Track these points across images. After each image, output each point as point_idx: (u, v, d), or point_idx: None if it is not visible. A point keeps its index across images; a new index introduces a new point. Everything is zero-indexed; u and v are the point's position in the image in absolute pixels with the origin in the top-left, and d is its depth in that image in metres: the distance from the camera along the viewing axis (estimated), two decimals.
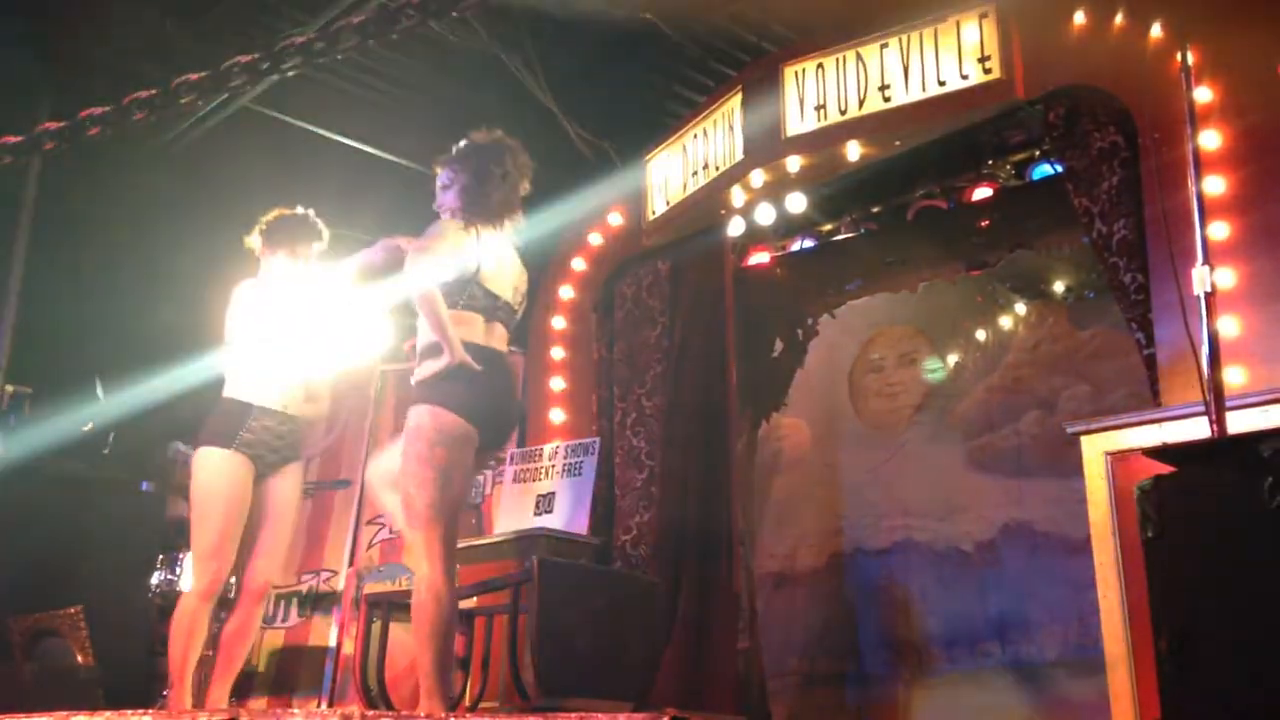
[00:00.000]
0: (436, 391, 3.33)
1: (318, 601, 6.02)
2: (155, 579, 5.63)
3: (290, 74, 1.86)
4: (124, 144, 5.94)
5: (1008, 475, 6.13)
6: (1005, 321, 6.53)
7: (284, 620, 5.99)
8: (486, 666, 4.74)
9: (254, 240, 4.22)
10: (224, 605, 4.23)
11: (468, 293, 3.44)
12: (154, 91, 1.83)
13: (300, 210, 4.28)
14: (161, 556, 5.70)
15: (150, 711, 2.87)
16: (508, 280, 3.61)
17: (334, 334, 4.15)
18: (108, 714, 2.88)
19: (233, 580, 4.12)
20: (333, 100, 6.14)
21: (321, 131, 6.32)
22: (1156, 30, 4.15)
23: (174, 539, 6.50)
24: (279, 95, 5.91)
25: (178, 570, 5.59)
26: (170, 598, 5.66)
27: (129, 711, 2.85)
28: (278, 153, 6.36)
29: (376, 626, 4.51)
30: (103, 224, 6.54)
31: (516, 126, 6.32)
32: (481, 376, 3.36)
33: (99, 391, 6.53)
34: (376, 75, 6.06)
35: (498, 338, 3.54)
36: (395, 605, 4.61)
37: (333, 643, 5.83)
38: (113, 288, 6.63)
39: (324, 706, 5.51)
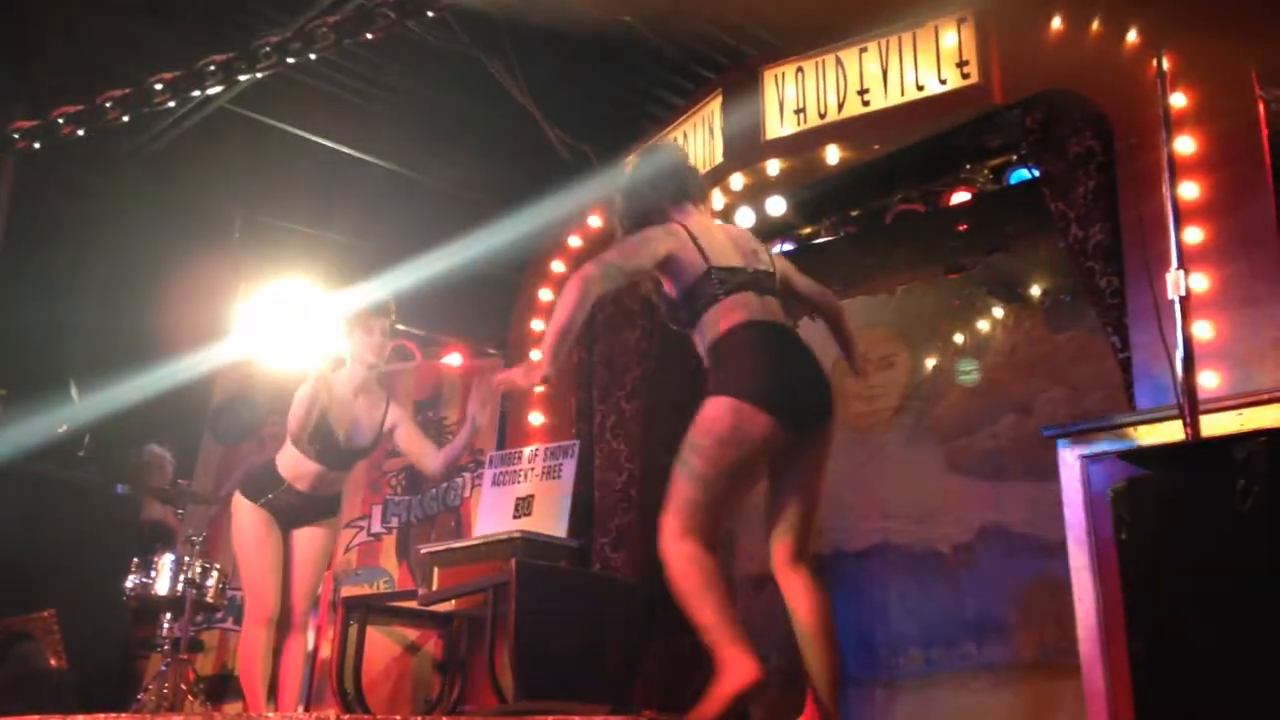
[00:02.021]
0: (739, 380, 3.05)
1: None
2: (130, 582, 5.57)
3: (266, 73, 1.84)
4: (100, 144, 5.90)
5: (985, 478, 6.15)
6: (983, 325, 6.56)
7: None
8: (465, 670, 4.73)
9: (330, 337, 4.57)
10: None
11: (715, 279, 3.16)
12: (128, 90, 1.81)
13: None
14: (136, 559, 5.64)
15: (122, 715, 2.84)
16: (733, 248, 3.28)
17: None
18: (80, 717, 2.86)
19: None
20: (311, 102, 6.12)
21: (299, 133, 6.29)
22: (1132, 36, 4.18)
23: (149, 541, 6.46)
24: (257, 96, 5.88)
25: (152, 573, 5.54)
26: (145, 601, 5.61)
27: (102, 715, 2.83)
28: (255, 154, 6.34)
29: (353, 630, 4.49)
30: (77, 225, 6.50)
31: (495, 128, 6.36)
32: (777, 349, 3.14)
33: (73, 393, 6.48)
34: (355, 77, 6.04)
35: (773, 310, 3.24)
36: (373, 608, 4.59)
37: (310, 646, 5.79)
38: (87, 289, 6.59)
39: (301, 710, 5.47)
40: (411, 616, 5.23)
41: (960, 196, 5.33)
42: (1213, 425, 3.10)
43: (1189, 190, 3.90)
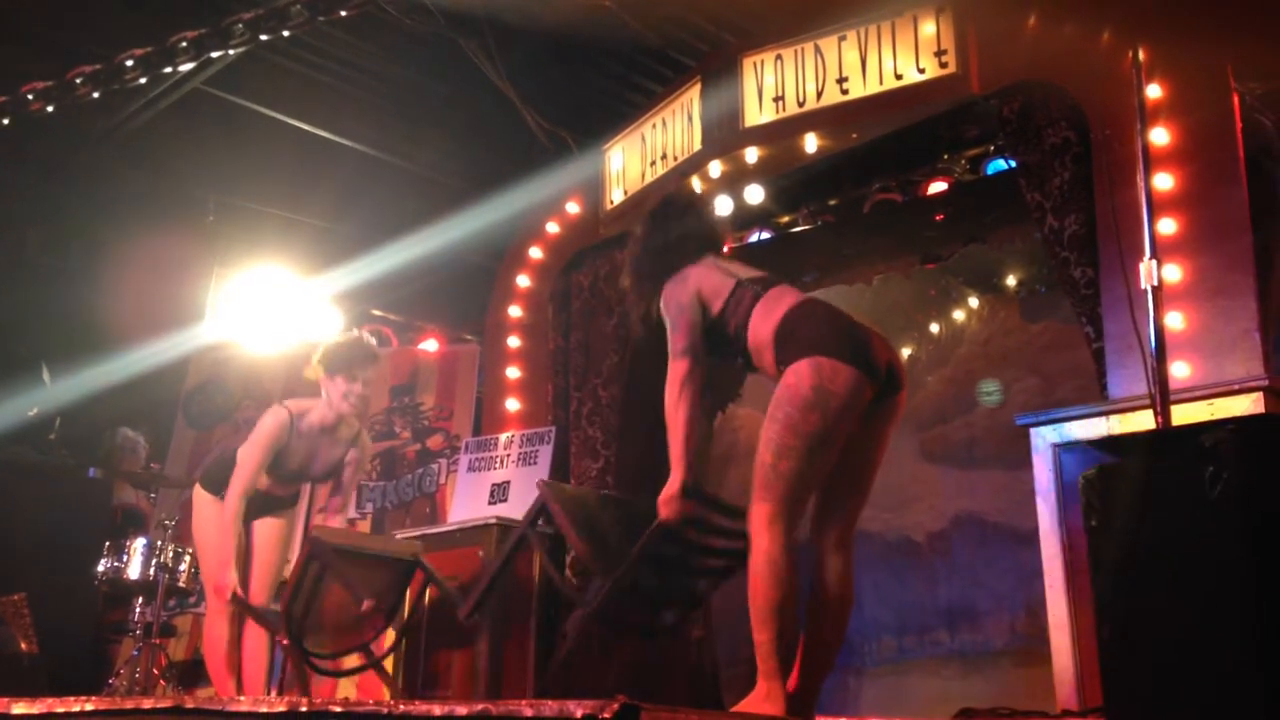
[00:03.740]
0: (813, 342, 2.99)
1: None
2: (101, 566, 5.53)
3: (238, 51, 1.82)
4: (73, 125, 5.83)
5: (959, 466, 6.20)
6: (958, 315, 6.60)
7: None
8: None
9: (314, 370, 4.56)
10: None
11: (747, 285, 3.19)
12: (98, 66, 1.79)
13: (356, 334, 4.71)
14: (108, 543, 5.61)
15: (92, 699, 2.83)
16: (743, 268, 3.32)
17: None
18: (50, 700, 2.84)
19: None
20: (288, 84, 6.06)
21: (276, 115, 6.24)
22: (1109, 28, 4.19)
23: (121, 525, 6.42)
24: (233, 78, 5.82)
25: (125, 557, 5.51)
26: (117, 585, 5.58)
27: (73, 699, 2.81)
28: (230, 136, 6.28)
29: (314, 566, 4.31)
30: (50, 206, 6.43)
31: (473, 113, 6.33)
32: (844, 316, 3.12)
33: (45, 376, 6.43)
34: (332, 59, 5.99)
35: None
36: (340, 551, 4.40)
37: None
38: (59, 271, 6.53)
39: (273, 694, 5.45)
40: (376, 560, 5.10)
41: (938, 186, 5.34)
42: (1184, 415, 3.13)
43: (1163, 181, 3.92)
